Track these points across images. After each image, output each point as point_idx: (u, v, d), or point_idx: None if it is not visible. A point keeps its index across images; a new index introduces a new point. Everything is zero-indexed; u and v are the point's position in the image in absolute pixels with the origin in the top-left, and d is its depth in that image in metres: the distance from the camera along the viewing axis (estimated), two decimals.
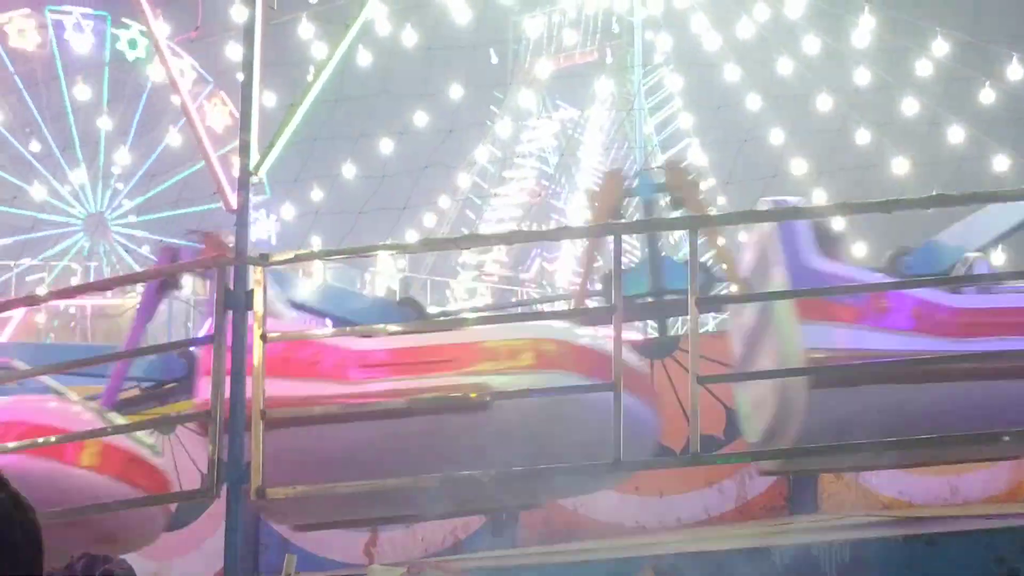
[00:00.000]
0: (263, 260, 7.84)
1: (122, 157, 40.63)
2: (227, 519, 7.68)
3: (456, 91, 22.87)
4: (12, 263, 37.12)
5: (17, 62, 40.87)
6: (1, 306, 11.58)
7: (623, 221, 9.46)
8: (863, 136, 21.67)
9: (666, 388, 10.71)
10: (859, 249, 19.60)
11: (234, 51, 15.43)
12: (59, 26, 41.60)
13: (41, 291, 36.37)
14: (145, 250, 42.78)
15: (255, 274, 7.82)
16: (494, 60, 27.56)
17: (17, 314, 30.62)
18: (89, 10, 41.40)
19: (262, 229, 37.51)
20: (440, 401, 8.07)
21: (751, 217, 8.88)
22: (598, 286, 11.46)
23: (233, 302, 7.78)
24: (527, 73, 42.35)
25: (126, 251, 43.06)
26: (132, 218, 43.78)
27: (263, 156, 8.07)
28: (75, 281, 36.34)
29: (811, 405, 8.26)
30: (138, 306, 10.65)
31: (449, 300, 36.97)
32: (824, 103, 21.77)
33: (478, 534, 11.79)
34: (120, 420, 9.19)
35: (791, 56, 21.94)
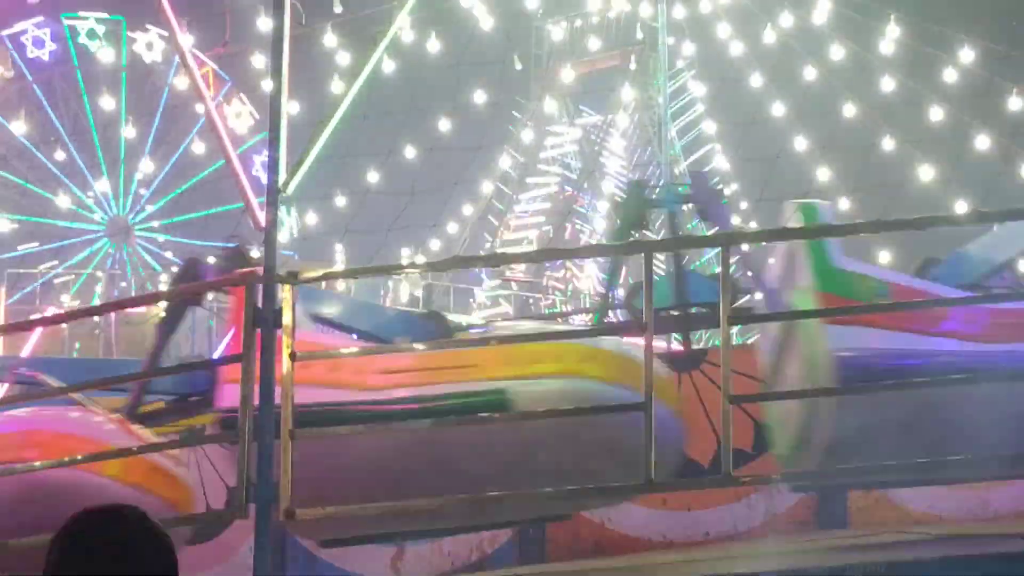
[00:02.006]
0: (292, 278, 7.77)
1: (144, 163, 40.80)
2: (256, 539, 7.60)
3: (480, 97, 22.78)
4: (38, 271, 37.25)
5: (35, 72, 40.98)
6: (28, 324, 11.51)
7: (653, 239, 9.38)
8: (888, 143, 21.55)
9: (693, 401, 10.66)
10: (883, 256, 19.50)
11: (259, 61, 15.41)
12: (18, 45, 41.65)
13: (65, 298, 36.64)
14: (169, 255, 42.90)
15: (283, 292, 7.75)
16: (518, 66, 27.46)
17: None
18: (104, 14, 41.45)
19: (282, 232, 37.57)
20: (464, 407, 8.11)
21: (782, 234, 8.79)
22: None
23: (262, 320, 7.70)
24: (550, 79, 42.25)
25: (149, 256, 43.11)
26: (155, 223, 43.85)
27: (291, 174, 8.00)
28: (99, 289, 36.43)
29: (839, 411, 8.24)
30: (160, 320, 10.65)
31: (472, 307, 36.95)
32: (849, 110, 21.67)
33: (505, 548, 11.73)
34: (143, 430, 9.18)
35: (816, 63, 21.85)
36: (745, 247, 9.79)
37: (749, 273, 9.98)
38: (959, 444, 7.91)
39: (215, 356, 25.76)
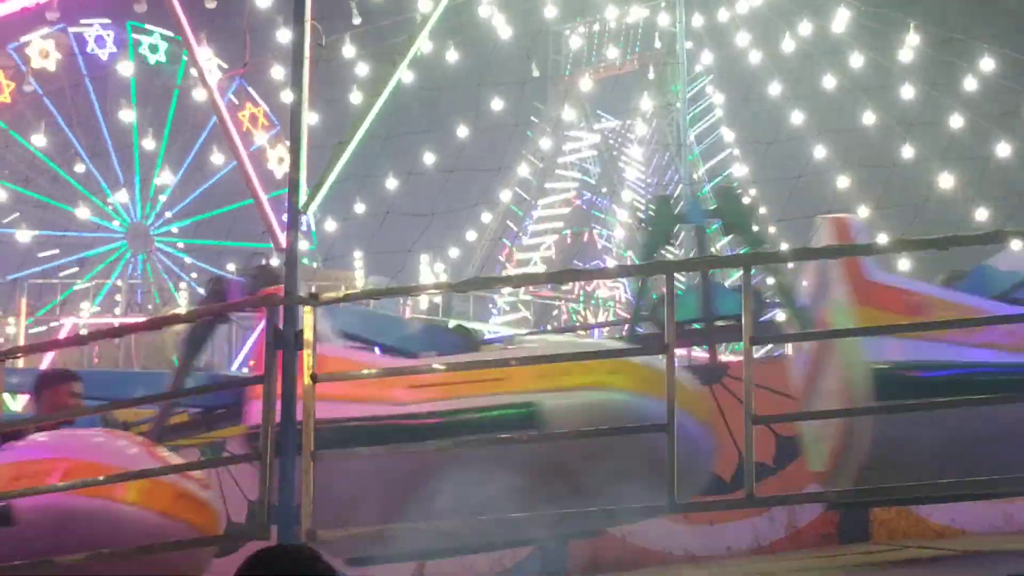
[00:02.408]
0: (313, 300, 7.75)
1: (174, 178, 40.98)
2: None
3: (498, 105, 22.72)
4: (58, 281, 37.36)
5: (45, 83, 41.03)
6: (46, 346, 11.52)
7: (675, 260, 9.36)
8: (908, 151, 21.49)
9: (715, 415, 10.61)
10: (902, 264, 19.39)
11: (278, 72, 15.44)
12: (80, 40, 41.76)
13: (85, 305, 36.78)
14: (188, 260, 43.01)
15: (305, 313, 7.73)
16: (535, 73, 27.44)
17: (64, 330, 30.87)
18: (170, 32, 41.47)
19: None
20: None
21: (806, 254, 8.75)
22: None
23: (283, 342, 7.69)
24: (568, 84, 42.26)
25: (168, 265, 43.21)
26: (175, 230, 43.96)
27: (312, 194, 8.00)
28: (119, 298, 36.61)
29: (878, 426, 8.15)
30: (183, 338, 10.61)
31: (492, 313, 37.00)
32: (868, 118, 21.62)
33: (526, 563, 11.70)
34: (169, 453, 9.12)
35: (836, 71, 21.80)
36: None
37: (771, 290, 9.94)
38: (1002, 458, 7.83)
39: (233, 367, 25.83)
